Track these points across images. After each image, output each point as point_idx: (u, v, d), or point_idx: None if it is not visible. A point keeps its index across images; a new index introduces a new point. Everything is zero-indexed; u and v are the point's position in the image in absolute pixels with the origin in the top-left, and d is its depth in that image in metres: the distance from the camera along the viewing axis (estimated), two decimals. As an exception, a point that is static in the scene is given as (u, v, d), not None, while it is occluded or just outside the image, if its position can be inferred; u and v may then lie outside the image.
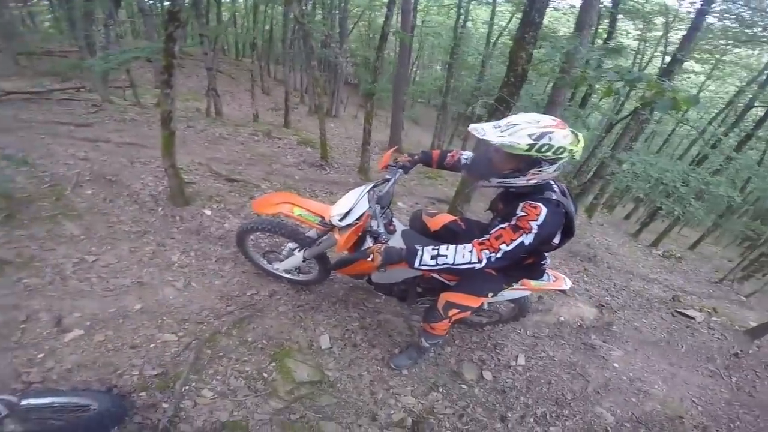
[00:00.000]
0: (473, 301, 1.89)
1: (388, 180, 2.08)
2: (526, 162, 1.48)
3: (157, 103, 7.19)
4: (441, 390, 2.27)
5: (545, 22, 4.26)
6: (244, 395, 1.90)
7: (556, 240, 1.66)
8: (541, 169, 1.48)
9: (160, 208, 3.26)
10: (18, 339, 1.95)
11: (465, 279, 1.92)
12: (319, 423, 1.87)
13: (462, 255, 1.51)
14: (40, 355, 1.89)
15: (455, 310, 1.91)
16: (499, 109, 3.45)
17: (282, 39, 13.16)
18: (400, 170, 2.13)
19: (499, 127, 1.47)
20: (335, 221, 1.94)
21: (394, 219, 2.16)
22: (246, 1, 15.87)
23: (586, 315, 3.34)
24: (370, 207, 1.93)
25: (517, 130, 1.42)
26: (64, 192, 3.05)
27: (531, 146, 1.39)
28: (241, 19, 17.31)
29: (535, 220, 1.45)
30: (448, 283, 2.05)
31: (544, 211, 1.46)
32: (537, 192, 1.55)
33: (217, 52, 9.69)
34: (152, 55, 7.00)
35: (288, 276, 2.64)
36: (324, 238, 2.18)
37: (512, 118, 1.48)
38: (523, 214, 1.48)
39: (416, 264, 1.55)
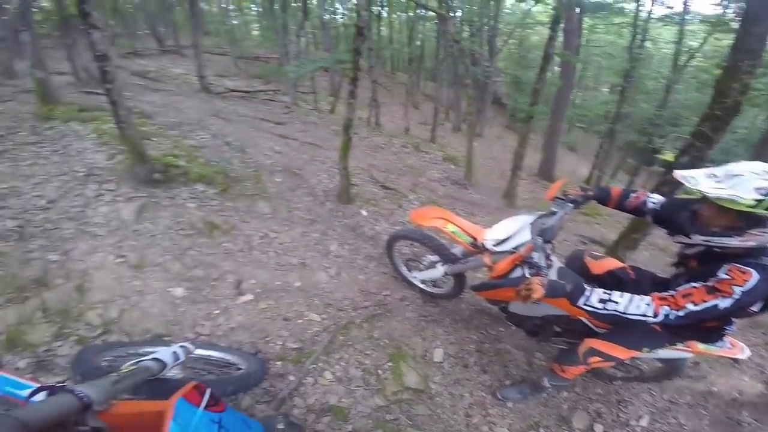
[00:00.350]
0: (622, 353, 1.70)
1: (554, 213, 1.94)
2: (746, 220, 1.26)
3: (331, 109, 8.24)
4: (541, 431, 2.09)
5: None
6: (356, 385, 2.00)
7: (756, 308, 1.42)
8: (765, 230, 1.26)
9: (328, 203, 3.69)
10: (206, 294, 2.37)
11: (620, 329, 1.73)
12: (407, 429, 1.89)
13: (636, 305, 1.38)
14: (216, 311, 2.24)
15: (597, 359, 1.74)
16: (696, 145, 2.95)
17: (435, 55, 13.59)
18: (570, 204, 1.96)
19: (715, 176, 1.28)
20: (489, 245, 1.92)
21: (552, 255, 2.00)
22: (400, 17, 17.00)
23: (747, 390, 2.72)
24: (532, 239, 1.83)
25: (741, 181, 1.21)
26: (261, 177, 3.69)
27: (758, 202, 1.18)
28: (396, 35, 18.64)
29: (741, 286, 1.25)
30: (596, 329, 1.87)
31: (755, 277, 1.24)
32: (750, 255, 1.31)
33: (378, 65, 10.56)
34: (332, 65, 8.08)
35: (422, 286, 2.72)
36: (471, 258, 2.19)
37: (732, 167, 1.28)
38: (727, 277, 1.28)
39: (580, 303, 1.44)
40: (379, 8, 11.62)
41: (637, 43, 9.56)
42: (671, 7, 9.70)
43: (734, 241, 1.31)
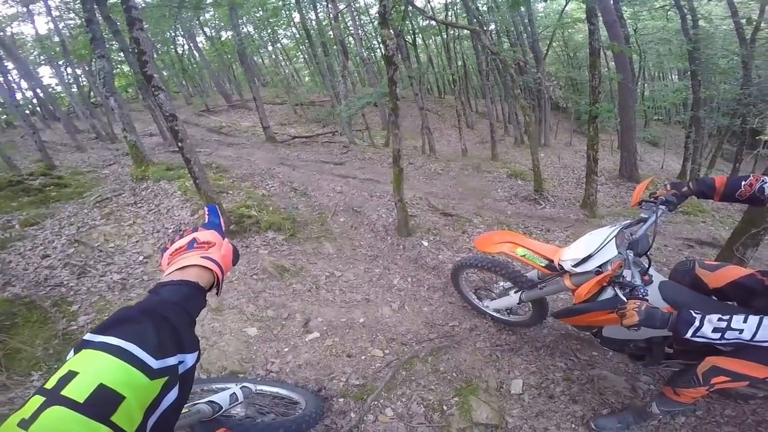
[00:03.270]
0: (759, 372, 1.37)
1: (644, 220, 1.68)
2: None
3: (385, 143, 8.48)
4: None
5: None
6: (418, 422, 1.88)
7: None
8: None
9: (388, 237, 3.71)
10: (277, 333, 2.45)
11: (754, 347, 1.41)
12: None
13: None
14: (286, 349, 2.31)
15: (723, 378, 1.42)
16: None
17: (479, 71, 13.47)
18: (662, 207, 1.66)
19: None
20: (567, 266, 1.70)
21: (651, 269, 1.71)
22: (435, 41, 17.14)
23: None
24: (619, 254, 1.59)
25: None
26: (326, 219, 3.85)
27: None
28: (435, 59, 18.79)
29: None
30: (721, 347, 1.53)
31: None
32: None
33: (423, 91, 10.69)
34: (378, 99, 8.34)
35: (495, 314, 2.51)
36: (549, 282, 1.96)
37: None
38: None
39: (688, 335, 1.24)
40: (412, 35, 11.81)
41: (689, 23, 8.80)
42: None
43: None
